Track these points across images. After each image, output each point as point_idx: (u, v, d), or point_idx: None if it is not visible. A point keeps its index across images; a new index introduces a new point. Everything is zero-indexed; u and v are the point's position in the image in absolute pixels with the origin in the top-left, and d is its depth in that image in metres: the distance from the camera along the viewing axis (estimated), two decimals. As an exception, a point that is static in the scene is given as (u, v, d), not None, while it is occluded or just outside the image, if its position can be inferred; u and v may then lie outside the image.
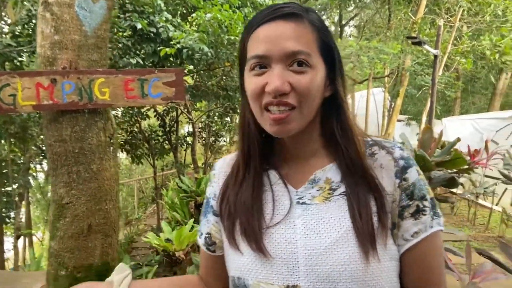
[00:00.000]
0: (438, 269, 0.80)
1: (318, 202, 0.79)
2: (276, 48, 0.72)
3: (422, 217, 0.78)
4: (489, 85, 17.00)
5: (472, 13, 11.35)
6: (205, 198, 0.94)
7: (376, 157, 0.81)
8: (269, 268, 0.76)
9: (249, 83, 0.77)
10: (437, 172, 3.24)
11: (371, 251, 0.72)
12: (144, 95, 2.27)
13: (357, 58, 9.58)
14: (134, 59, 5.09)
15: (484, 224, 6.29)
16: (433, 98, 8.84)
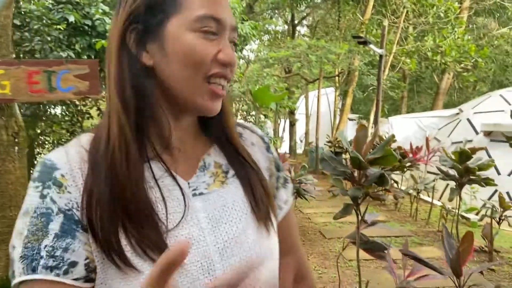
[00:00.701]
0: (297, 232, 0.87)
1: (216, 188, 0.71)
2: (230, 17, 0.66)
3: (288, 185, 0.85)
4: (433, 84, 17.77)
5: (416, 14, 11.76)
6: (54, 213, 0.59)
7: (245, 136, 0.81)
8: (183, 279, 0.60)
9: (194, 45, 0.63)
10: (372, 170, 3.24)
11: (271, 229, 0.72)
12: (52, 89, 2.04)
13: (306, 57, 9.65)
14: (65, 52, 4.77)
15: (425, 219, 6.48)
16: (379, 98, 9.05)
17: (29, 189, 0.61)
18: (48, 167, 0.61)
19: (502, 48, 14.18)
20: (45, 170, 0.61)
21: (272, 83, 8.02)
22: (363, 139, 3.14)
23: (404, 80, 16.51)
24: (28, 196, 0.61)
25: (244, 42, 8.49)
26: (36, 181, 0.60)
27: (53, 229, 0.58)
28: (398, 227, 6.07)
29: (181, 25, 0.63)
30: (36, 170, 0.62)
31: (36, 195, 0.59)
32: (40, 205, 0.59)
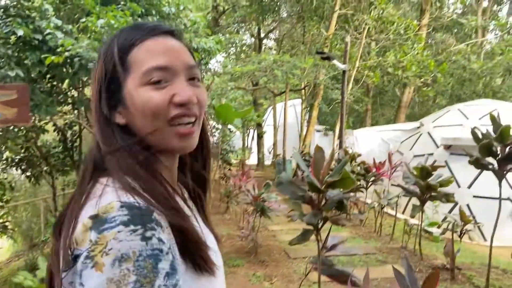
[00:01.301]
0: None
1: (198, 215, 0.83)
2: (178, 60, 0.73)
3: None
4: (396, 97, 18.22)
5: (378, 30, 12.04)
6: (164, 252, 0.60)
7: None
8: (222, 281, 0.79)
9: (148, 97, 0.70)
10: (332, 192, 3.16)
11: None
12: (-24, 117, 1.84)
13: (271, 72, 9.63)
14: (14, 71, 4.47)
15: (390, 234, 6.51)
16: (343, 112, 9.12)
17: (119, 234, 0.58)
18: (143, 210, 0.62)
19: (460, 63, 14.73)
20: (141, 213, 0.62)
21: (237, 96, 7.92)
22: (321, 161, 3.07)
23: (368, 94, 16.85)
24: (121, 241, 0.58)
25: (209, 56, 8.37)
26: (131, 224, 0.59)
27: (164, 268, 0.59)
28: (362, 244, 6.05)
29: (134, 83, 0.71)
30: (120, 215, 0.60)
31: (135, 238, 0.58)
32: (143, 247, 0.58)
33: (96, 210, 0.61)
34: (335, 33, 11.44)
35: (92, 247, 0.58)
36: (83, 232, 0.60)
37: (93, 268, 0.57)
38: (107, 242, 0.57)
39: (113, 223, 0.59)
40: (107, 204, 0.62)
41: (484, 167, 3.99)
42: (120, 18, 4.89)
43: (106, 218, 0.60)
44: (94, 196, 0.66)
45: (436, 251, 5.87)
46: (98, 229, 0.59)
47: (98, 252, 0.57)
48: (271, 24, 17.30)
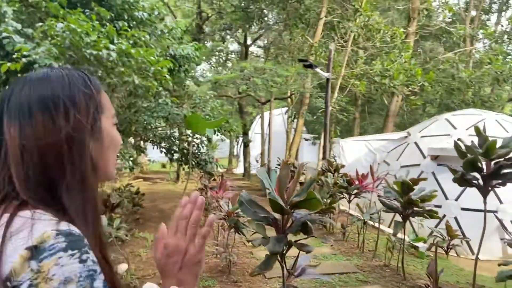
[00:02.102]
0: None
1: None
2: None
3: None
4: (384, 106, 18.05)
5: (364, 38, 11.84)
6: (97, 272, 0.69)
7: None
8: None
9: (117, 135, 0.88)
10: (299, 213, 2.85)
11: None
12: None
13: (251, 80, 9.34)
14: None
15: (373, 250, 6.22)
16: (327, 121, 8.85)
17: (60, 259, 0.64)
18: (77, 236, 0.69)
19: (448, 72, 14.60)
20: (76, 239, 0.68)
21: (215, 105, 7.60)
22: (286, 179, 2.75)
23: (356, 102, 16.65)
24: (63, 266, 0.64)
25: (189, 63, 8.08)
26: (69, 249, 0.65)
27: (98, 287, 0.67)
28: (343, 261, 5.73)
29: (109, 122, 0.86)
30: (58, 242, 0.65)
31: (74, 261, 0.65)
32: (82, 269, 0.66)
33: (32, 241, 0.65)
34: (320, 41, 11.22)
35: (34, 276, 0.62)
36: (21, 264, 0.63)
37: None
38: (48, 269, 0.62)
39: (52, 251, 0.64)
40: (42, 234, 0.66)
41: (468, 184, 3.71)
42: (83, 22, 4.56)
43: (44, 247, 0.64)
44: (19, 229, 0.67)
45: (421, 268, 5.57)
46: (38, 258, 0.63)
47: (42, 279, 0.61)
48: (258, 32, 17.10)
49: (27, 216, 0.69)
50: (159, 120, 8.05)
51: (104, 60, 4.80)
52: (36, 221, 0.68)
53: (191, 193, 0.88)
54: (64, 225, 0.69)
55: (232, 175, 17.90)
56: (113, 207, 7.04)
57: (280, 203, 2.59)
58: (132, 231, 7.45)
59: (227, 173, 18.84)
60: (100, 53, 4.57)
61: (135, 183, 13.20)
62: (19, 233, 0.66)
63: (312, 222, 2.65)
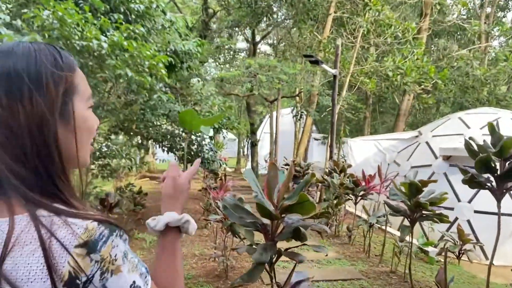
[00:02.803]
0: None
1: None
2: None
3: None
4: (396, 105, 17.61)
5: (375, 34, 11.48)
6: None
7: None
8: None
9: (92, 118, 0.84)
10: (291, 217, 2.59)
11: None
12: None
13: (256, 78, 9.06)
14: None
15: (379, 255, 5.91)
16: (334, 119, 8.54)
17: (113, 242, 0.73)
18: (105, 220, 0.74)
19: (462, 69, 14.13)
20: (104, 220, 0.74)
21: (217, 102, 7.35)
22: (275, 180, 2.49)
23: (367, 101, 16.25)
24: (118, 246, 0.74)
25: (191, 60, 7.85)
26: (113, 232, 0.74)
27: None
28: (347, 267, 5.43)
29: (82, 105, 0.82)
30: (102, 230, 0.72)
31: (120, 239, 0.75)
32: (123, 241, 0.76)
33: (81, 238, 0.69)
34: (329, 37, 10.89)
35: (100, 265, 0.69)
36: (82, 260, 0.67)
37: (114, 275, 0.70)
38: (109, 254, 0.71)
39: (104, 239, 0.71)
40: (85, 228, 0.70)
41: (480, 186, 3.40)
42: (71, 10, 4.35)
43: (95, 239, 0.70)
44: (56, 226, 0.68)
45: (430, 275, 5.25)
46: (95, 250, 0.69)
47: (108, 263, 0.70)
48: (267, 29, 16.83)
49: (51, 213, 0.70)
50: (160, 118, 7.84)
51: (95, 52, 4.60)
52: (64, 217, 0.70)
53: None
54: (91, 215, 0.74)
55: (239, 175, 17.68)
56: (111, 207, 6.85)
57: (268, 207, 2.32)
58: (131, 231, 7.26)
59: (235, 173, 18.63)
60: (91, 44, 4.35)
61: (140, 182, 13.05)
62: (59, 232, 0.68)
63: (305, 228, 2.38)
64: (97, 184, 7.75)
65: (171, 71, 7.69)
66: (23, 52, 0.74)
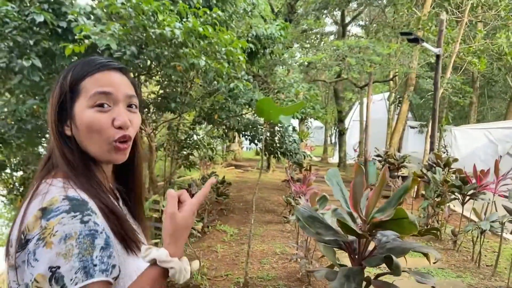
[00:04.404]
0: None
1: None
2: (119, 90, 0.95)
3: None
4: (508, 88, 15.38)
5: (485, 8, 9.92)
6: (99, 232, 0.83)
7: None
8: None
9: (93, 118, 0.91)
10: (384, 234, 2.03)
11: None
12: None
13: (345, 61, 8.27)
14: (29, 61, 3.99)
15: (491, 265, 4.96)
16: (436, 105, 7.48)
17: (63, 219, 0.79)
18: (81, 201, 0.84)
19: None
20: (79, 203, 0.83)
21: (301, 90, 6.82)
22: (361, 187, 1.93)
23: (474, 84, 14.38)
24: (65, 225, 0.78)
25: (273, 44, 7.42)
26: (72, 212, 0.80)
27: (99, 244, 0.81)
28: (452, 279, 4.61)
29: (82, 106, 0.92)
30: (62, 205, 0.81)
31: (76, 222, 0.79)
32: (83, 229, 0.79)
33: (44, 203, 0.81)
34: (430, 13, 9.63)
35: (42, 231, 0.77)
36: (34, 221, 0.78)
37: (44, 247, 0.76)
38: (53, 227, 0.77)
39: (57, 212, 0.79)
40: (51, 198, 0.82)
41: None
42: None
43: (52, 208, 0.80)
44: (39, 193, 0.85)
45: None
46: (46, 217, 0.78)
47: (47, 234, 0.76)
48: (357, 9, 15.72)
49: (47, 183, 0.87)
50: (242, 107, 7.56)
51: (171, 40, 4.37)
52: (51, 187, 0.85)
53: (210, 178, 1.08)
54: (72, 191, 0.85)
55: (326, 165, 16.99)
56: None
57: (352, 226, 1.79)
58: (214, 222, 7.14)
59: (322, 162, 17.96)
60: (164, 31, 4.12)
61: (225, 170, 13.10)
62: (37, 197, 0.84)
63: (403, 252, 1.81)
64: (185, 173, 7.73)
65: (254, 57, 7.34)
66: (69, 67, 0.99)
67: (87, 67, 0.94)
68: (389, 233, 2.03)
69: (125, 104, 0.96)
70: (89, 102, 0.91)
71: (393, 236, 2.01)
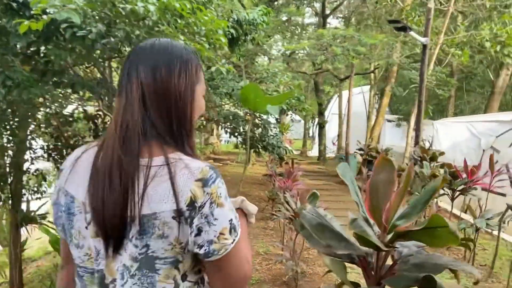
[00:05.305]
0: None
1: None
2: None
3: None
4: (485, 83, 15.47)
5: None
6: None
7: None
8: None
9: (202, 101, 1.10)
10: (405, 245, 1.69)
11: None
12: None
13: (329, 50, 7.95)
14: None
15: (485, 265, 4.76)
16: (422, 97, 7.26)
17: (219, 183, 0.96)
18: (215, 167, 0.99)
19: None
20: (216, 169, 0.99)
21: (285, 80, 6.44)
22: (387, 189, 1.57)
23: (452, 77, 14.38)
24: (221, 187, 0.96)
25: (255, 31, 6.99)
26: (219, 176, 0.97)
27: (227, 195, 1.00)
28: (447, 280, 4.35)
29: (200, 91, 1.09)
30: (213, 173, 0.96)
31: (223, 183, 0.98)
32: (225, 187, 0.99)
33: (198, 175, 0.93)
34: (412, 2, 9.41)
35: (210, 196, 0.92)
36: (200, 190, 0.91)
37: (218, 207, 0.93)
38: (216, 191, 0.94)
39: (213, 178, 0.94)
40: (201, 169, 0.94)
41: None
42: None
43: (208, 177, 0.93)
44: (179, 168, 0.93)
45: None
46: (208, 185, 0.93)
47: (215, 197, 0.93)
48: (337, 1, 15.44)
49: (176, 158, 0.95)
50: (222, 98, 7.13)
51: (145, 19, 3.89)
52: (187, 161, 0.95)
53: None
54: (203, 161, 0.99)
55: (306, 158, 16.74)
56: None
57: (374, 240, 1.42)
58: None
59: (301, 156, 17.69)
60: (136, 7, 3.64)
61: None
62: (181, 171, 0.93)
63: (437, 269, 1.45)
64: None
65: (234, 44, 6.92)
66: (178, 46, 1.06)
67: (197, 57, 1.09)
68: (410, 244, 1.68)
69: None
70: (203, 91, 1.09)
71: (415, 248, 1.66)
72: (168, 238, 0.90)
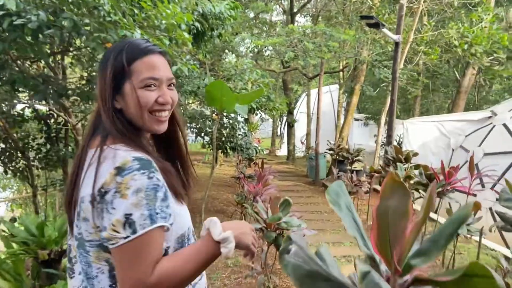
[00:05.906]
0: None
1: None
2: (164, 73, 1.14)
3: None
4: (449, 82, 15.70)
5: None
6: (160, 186, 1.02)
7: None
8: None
9: (143, 95, 1.10)
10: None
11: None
12: None
13: (301, 46, 7.66)
14: None
15: (464, 271, 4.58)
16: (394, 96, 7.09)
17: (135, 176, 0.97)
18: (146, 161, 1.03)
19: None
20: (145, 162, 1.02)
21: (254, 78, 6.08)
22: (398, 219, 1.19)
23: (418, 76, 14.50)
24: (136, 180, 0.97)
25: (222, 26, 6.58)
26: (141, 169, 0.99)
27: (160, 196, 1.00)
28: None
29: (132, 85, 1.10)
30: (134, 165, 0.99)
31: (144, 177, 0.98)
32: (149, 183, 0.98)
33: (118, 164, 0.98)
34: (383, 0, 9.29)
35: (118, 185, 0.95)
36: (110, 178, 0.96)
37: (121, 198, 0.95)
38: (127, 182, 0.96)
39: (130, 170, 0.97)
40: (123, 159, 1.00)
41: None
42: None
43: (125, 167, 0.98)
44: (107, 157, 1.01)
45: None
46: (121, 175, 0.97)
47: (123, 188, 0.95)
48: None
49: (111, 148, 1.04)
50: (187, 96, 6.67)
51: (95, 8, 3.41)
52: (117, 151, 1.02)
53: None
54: (137, 153, 1.04)
55: (275, 158, 16.47)
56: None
57: (381, 283, 1.04)
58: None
59: (270, 155, 17.41)
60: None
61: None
62: (107, 160, 1.01)
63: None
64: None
65: (200, 40, 6.49)
66: (111, 47, 1.14)
67: (137, 51, 1.11)
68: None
69: (167, 84, 1.15)
70: (140, 84, 1.10)
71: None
72: (89, 222, 1.00)
